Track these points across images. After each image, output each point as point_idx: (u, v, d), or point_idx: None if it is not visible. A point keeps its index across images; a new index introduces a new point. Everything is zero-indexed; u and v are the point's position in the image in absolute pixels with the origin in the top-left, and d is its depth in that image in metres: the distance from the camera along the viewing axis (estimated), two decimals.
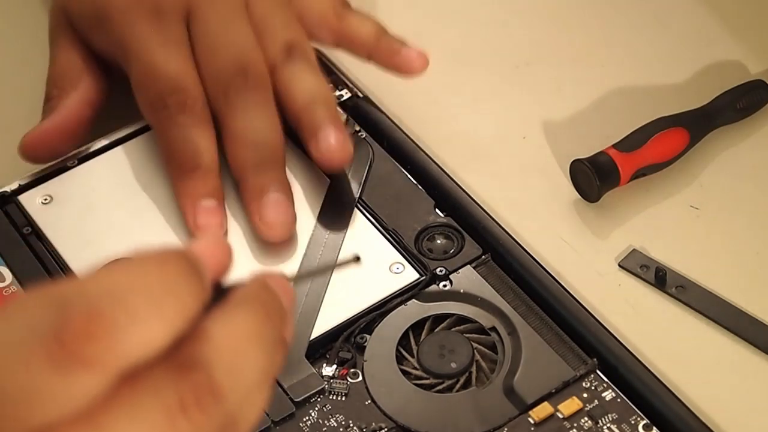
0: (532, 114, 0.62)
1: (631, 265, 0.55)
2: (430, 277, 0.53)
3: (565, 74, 0.64)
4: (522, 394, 0.48)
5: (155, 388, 0.28)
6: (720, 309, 0.53)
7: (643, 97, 0.62)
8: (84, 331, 0.27)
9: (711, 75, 0.63)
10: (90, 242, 0.54)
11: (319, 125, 0.55)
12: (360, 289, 0.52)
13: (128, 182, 0.57)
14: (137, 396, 0.28)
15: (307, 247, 0.54)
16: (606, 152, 0.57)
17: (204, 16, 0.57)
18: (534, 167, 0.59)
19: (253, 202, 0.54)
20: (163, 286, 0.28)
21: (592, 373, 0.49)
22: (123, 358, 0.28)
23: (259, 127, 0.55)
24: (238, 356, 0.30)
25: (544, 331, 0.51)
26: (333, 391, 0.49)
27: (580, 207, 0.57)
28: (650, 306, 0.54)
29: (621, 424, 0.47)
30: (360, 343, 0.51)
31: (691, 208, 0.57)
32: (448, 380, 0.49)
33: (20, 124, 0.58)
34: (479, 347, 0.50)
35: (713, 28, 0.66)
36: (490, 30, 0.67)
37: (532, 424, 0.48)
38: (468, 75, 0.64)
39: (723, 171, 0.59)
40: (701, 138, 0.59)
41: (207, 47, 0.56)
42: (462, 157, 0.60)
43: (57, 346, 0.27)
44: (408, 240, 0.54)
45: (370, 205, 0.56)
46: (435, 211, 0.55)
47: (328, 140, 0.55)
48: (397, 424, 0.48)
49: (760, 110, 0.61)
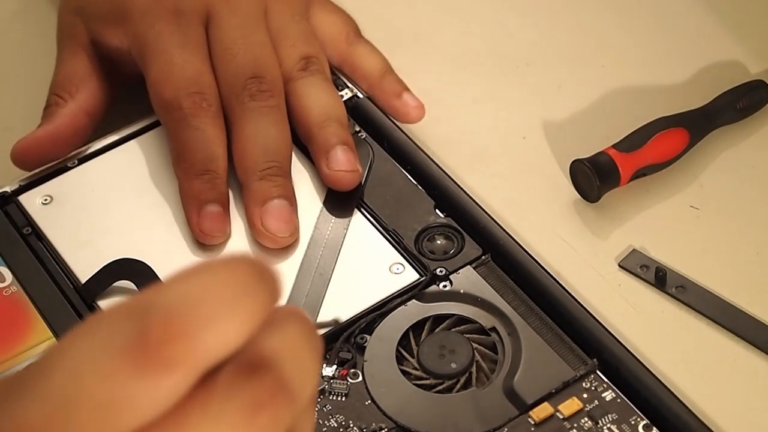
0: (532, 114, 0.62)
1: (631, 265, 0.55)
2: (430, 278, 0.53)
3: (565, 74, 0.64)
4: (522, 394, 0.48)
5: (231, 390, 0.29)
6: (720, 309, 0.53)
7: (643, 97, 0.62)
8: (164, 336, 0.28)
9: (711, 75, 0.63)
10: (90, 242, 0.54)
11: (332, 145, 0.55)
12: (360, 289, 0.52)
13: (128, 182, 0.57)
14: (215, 398, 0.29)
15: (308, 247, 0.54)
16: (606, 152, 0.57)
17: (223, 21, 0.57)
18: (534, 167, 0.59)
19: (256, 207, 0.54)
20: (237, 288, 0.29)
21: (592, 373, 0.49)
22: (202, 359, 0.28)
23: (269, 133, 0.55)
24: (301, 359, 0.31)
25: (544, 331, 0.51)
26: (333, 392, 0.49)
27: (580, 207, 0.57)
28: (650, 306, 0.54)
29: (621, 425, 0.47)
30: (360, 343, 0.51)
31: (691, 208, 0.57)
32: (448, 380, 0.49)
33: (21, 124, 0.58)
34: (479, 347, 0.50)
35: (713, 28, 0.66)
36: (490, 30, 0.67)
37: (532, 424, 0.48)
38: (468, 75, 0.64)
39: (723, 171, 0.59)
40: (701, 138, 0.59)
41: (224, 51, 0.57)
42: (462, 157, 0.60)
43: (140, 353, 0.28)
44: (408, 240, 0.54)
45: (370, 206, 0.56)
46: (435, 211, 0.55)
47: (338, 161, 0.55)
48: (397, 424, 0.48)
49: (760, 110, 0.61)
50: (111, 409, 0.28)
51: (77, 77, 0.59)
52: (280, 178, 0.54)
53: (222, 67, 0.57)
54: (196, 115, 0.55)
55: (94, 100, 0.59)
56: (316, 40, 0.60)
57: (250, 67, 0.56)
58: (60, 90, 0.58)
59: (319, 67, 0.59)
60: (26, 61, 0.66)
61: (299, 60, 0.58)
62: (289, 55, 0.58)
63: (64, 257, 0.54)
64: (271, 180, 0.54)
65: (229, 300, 0.29)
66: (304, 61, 0.58)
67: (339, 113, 0.57)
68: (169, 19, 0.57)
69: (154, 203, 0.56)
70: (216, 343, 0.28)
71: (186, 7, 0.57)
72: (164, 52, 0.56)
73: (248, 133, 0.55)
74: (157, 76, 0.56)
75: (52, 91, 0.59)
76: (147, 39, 0.57)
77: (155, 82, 0.56)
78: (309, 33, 0.60)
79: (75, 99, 0.58)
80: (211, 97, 0.56)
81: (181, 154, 0.55)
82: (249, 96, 0.56)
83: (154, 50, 0.56)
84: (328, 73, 0.59)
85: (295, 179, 0.56)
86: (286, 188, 0.54)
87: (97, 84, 0.59)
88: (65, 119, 0.57)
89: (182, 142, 0.55)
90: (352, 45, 0.61)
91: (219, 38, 0.57)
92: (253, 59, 0.57)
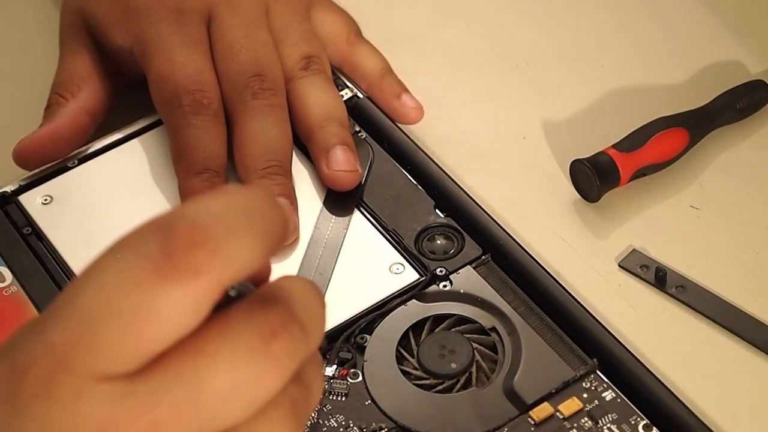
0: (532, 114, 0.62)
1: (631, 265, 0.55)
2: (430, 278, 0.53)
3: (565, 74, 0.64)
4: (522, 394, 0.48)
5: (247, 317, 0.30)
6: (720, 309, 0.53)
7: (643, 97, 0.62)
8: (188, 243, 0.29)
9: (711, 75, 0.63)
10: (90, 242, 0.54)
11: (332, 145, 0.56)
12: (360, 289, 0.52)
13: (128, 182, 0.57)
14: (232, 324, 0.30)
15: (307, 247, 0.54)
16: (606, 152, 0.57)
17: (225, 19, 0.57)
18: (534, 167, 0.59)
19: None
20: (255, 208, 0.31)
21: (592, 373, 0.49)
22: (224, 270, 0.29)
23: (270, 132, 0.55)
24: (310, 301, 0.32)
25: (544, 331, 0.51)
26: (333, 392, 0.49)
27: (580, 207, 0.57)
28: (650, 306, 0.54)
29: (621, 424, 0.47)
30: (360, 343, 0.51)
31: (691, 208, 0.57)
32: (448, 380, 0.49)
33: (22, 124, 0.58)
34: (479, 347, 0.50)
35: (713, 28, 0.66)
36: (490, 30, 0.67)
37: (532, 424, 0.48)
38: (468, 75, 0.64)
39: (723, 171, 0.59)
40: (701, 138, 0.59)
41: (226, 49, 0.57)
42: (462, 157, 0.60)
43: (165, 261, 0.29)
44: (408, 240, 0.54)
45: (371, 206, 0.56)
46: (435, 211, 0.55)
47: (338, 161, 0.55)
48: (397, 424, 0.48)
49: (760, 110, 0.61)
50: (137, 321, 0.29)
51: (79, 76, 0.59)
52: (280, 177, 0.54)
53: (224, 66, 0.57)
54: (196, 114, 0.55)
55: (96, 99, 0.59)
56: (318, 40, 0.60)
57: (252, 65, 0.56)
58: (61, 89, 0.58)
59: (320, 66, 0.59)
60: (26, 61, 0.66)
61: (300, 59, 0.58)
62: (291, 54, 0.58)
63: (64, 257, 0.54)
64: (272, 179, 0.54)
65: (248, 216, 0.30)
66: (305, 61, 0.58)
67: (339, 113, 0.57)
68: (171, 18, 0.57)
69: (154, 203, 0.56)
70: (236, 255, 0.29)
71: (188, 6, 0.57)
72: (165, 51, 0.56)
73: (249, 131, 0.55)
74: (158, 74, 0.56)
75: (53, 91, 0.59)
76: (148, 37, 0.57)
77: (156, 79, 0.56)
78: (310, 33, 0.60)
79: (76, 98, 0.58)
80: (212, 95, 0.56)
81: (180, 152, 0.55)
82: (251, 94, 0.56)
83: (155, 48, 0.56)
84: (330, 73, 0.59)
85: (296, 179, 0.56)
86: (286, 187, 0.54)
87: (99, 83, 0.59)
88: (66, 119, 0.58)
89: (182, 140, 0.55)
90: (353, 45, 0.61)
91: (221, 37, 0.57)
92: (255, 58, 0.57)
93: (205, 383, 0.29)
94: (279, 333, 0.30)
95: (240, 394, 0.30)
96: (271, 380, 0.30)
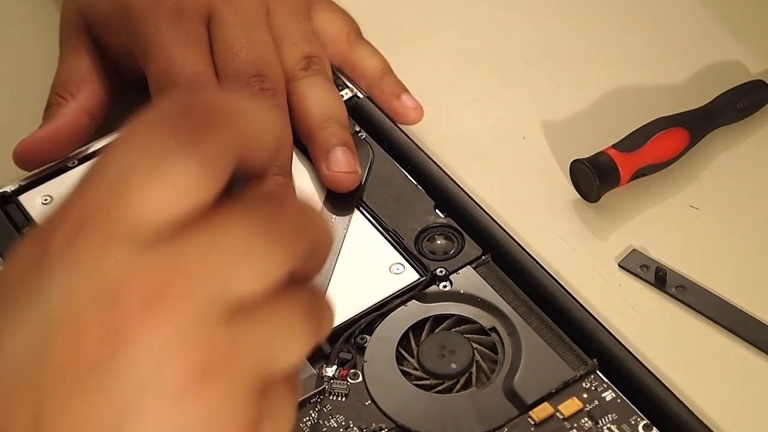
0: (532, 114, 0.62)
1: (631, 265, 0.55)
2: (430, 278, 0.53)
3: (565, 74, 0.64)
4: (522, 394, 0.48)
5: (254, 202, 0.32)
6: (720, 309, 0.53)
7: (643, 97, 0.62)
8: (206, 113, 0.31)
9: (711, 75, 0.63)
10: None
11: (332, 145, 0.56)
12: (360, 289, 0.52)
13: None
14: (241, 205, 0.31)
15: None
16: (606, 152, 0.57)
17: (225, 19, 0.57)
18: (534, 167, 0.59)
19: None
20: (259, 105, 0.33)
21: (592, 373, 0.49)
22: (238, 140, 0.31)
23: None
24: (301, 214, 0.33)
25: (544, 331, 0.51)
26: (333, 392, 0.49)
27: (580, 207, 0.57)
28: (650, 306, 0.54)
29: (621, 425, 0.47)
30: (360, 343, 0.51)
31: (691, 208, 0.57)
32: (448, 381, 0.49)
33: (22, 124, 0.58)
34: (479, 348, 0.50)
35: (713, 28, 0.66)
36: (490, 30, 0.67)
37: (532, 424, 0.48)
38: (468, 75, 0.64)
39: (723, 171, 0.59)
40: (701, 138, 0.59)
41: (226, 49, 0.57)
42: (462, 158, 0.60)
43: (184, 125, 0.30)
44: (408, 240, 0.54)
45: (370, 206, 0.56)
46: (435, 211, 0.55)
47: (338, 162, 0.55)
48: (397, 424, 0.48)
49: (760, 110, 0.61)
50: (158, 185, 0.30)
51: (79, 77, 0.59)
52: (280, 178, 0.54)
53: (224, 65, 0.57)
54: None
55: (96, 99, 0.59)
56: (318, 40, 0.60)
57: (252, 65, 0.56)
58: (61, 89, 0.58)
59: (320, 66, 0.59)
60: (26, 61, 0.66)
61: (301, 59, 0.58)
62: (291, 54, 0.58)
63: None
64: (272, 179, 0.54)
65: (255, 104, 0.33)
66: (305, 61, 0.58)
67: (340, 114, 0.57)
68: (171, 18, 0.57)
69: None
70: (249, 135, 0.31)
71: (188, 5, 0.57)
72: (165, 50, 0.56)
73: None
74: (157, 74, 0.56)
75: (53, 91, 0.59)
76: (148, 37, 0.57)
77: (156, 79, 0.56)
78: (311, 33, 0.60)
79: (76, 98, 0.58)
80: None
81: None
82: (251, 94, 0.56)
83: (155, 48, 0.56)
84: (330, 73, 0.59)
85: (296, 179, 0.56)
86: (286, 187, 0.54)
87: (99, 83, 0.59)
88: (66, 119, 0.58)
89: None
90: (353, 45, 0.61)
91: (221, 36, 0.57)
92: (256, 58, 0.57)
93: (218, 250, 0.30)
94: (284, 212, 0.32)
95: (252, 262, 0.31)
96: (281, 253, 0.31)
